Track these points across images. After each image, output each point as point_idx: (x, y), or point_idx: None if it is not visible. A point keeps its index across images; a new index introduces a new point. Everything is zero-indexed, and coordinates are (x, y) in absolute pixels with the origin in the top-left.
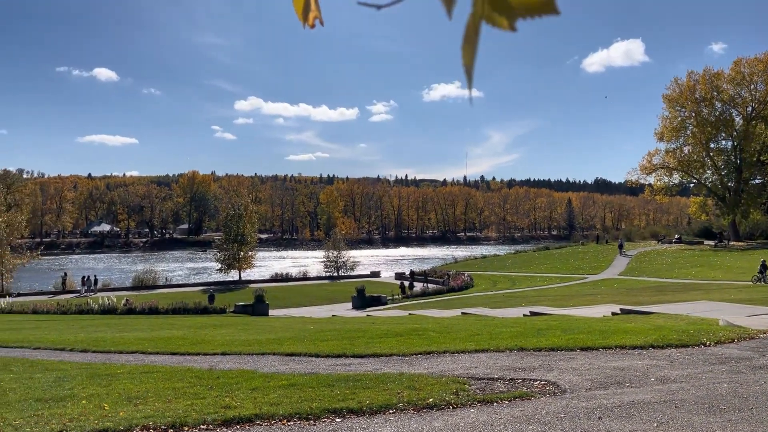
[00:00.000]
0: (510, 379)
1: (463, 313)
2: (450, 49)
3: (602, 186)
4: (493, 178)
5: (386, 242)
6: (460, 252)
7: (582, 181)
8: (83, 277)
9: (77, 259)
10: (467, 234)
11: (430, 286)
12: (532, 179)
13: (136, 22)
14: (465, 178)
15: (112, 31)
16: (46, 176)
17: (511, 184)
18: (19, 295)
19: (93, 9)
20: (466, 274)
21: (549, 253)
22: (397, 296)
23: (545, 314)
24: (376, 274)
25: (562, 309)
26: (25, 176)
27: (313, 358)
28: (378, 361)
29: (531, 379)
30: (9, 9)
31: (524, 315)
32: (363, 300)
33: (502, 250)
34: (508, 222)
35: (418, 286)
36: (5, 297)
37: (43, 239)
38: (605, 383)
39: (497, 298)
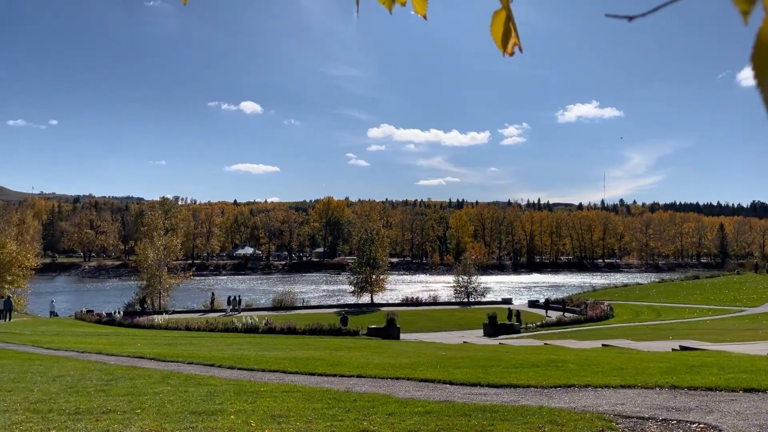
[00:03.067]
0: (663, 419)
1: (603, 345)
2: (587, 68)
3: (760, 209)
4: (634, 202)
5: (518, 268)
6: (597, 280)
7: (736, 205)
8: (229, 297)
9: (223, 279)
10: (605, 261)
11: (567, 315)
12: (677, 203)
13: (278, 58)
14: (603, 201)
15: (258, 67)
16: (197, 203)
17: (654, 208)
18: (174, 312)
19: (240, 48)
20: (605, 304)
21: (699, 282)
22: (531, 325)
23: (698, 349)
24: (507, 301)
25: (717, 344)
26: (180, 203)
27: (448, 386)
28: (514, 392)
29: (687, 421)
30: (167, 51)
31: (673, 349)
32: (495, 327)
33: (645, 278)
34: (651, 248)
35: (553, 315)
36: (162, 314)
37: (195, 261)
38: None
39: (641, 330)
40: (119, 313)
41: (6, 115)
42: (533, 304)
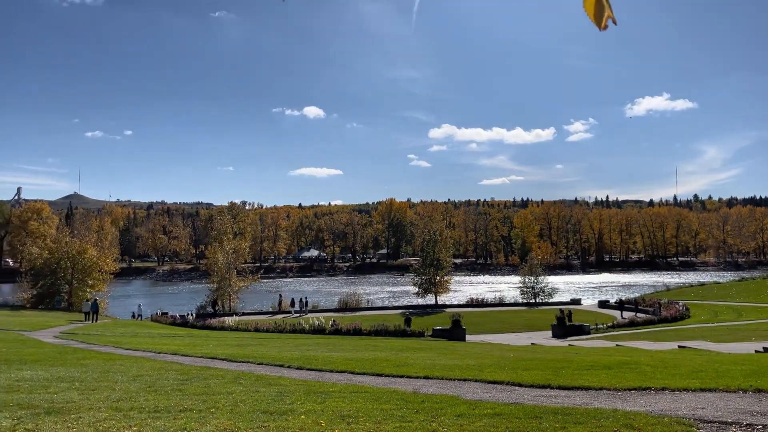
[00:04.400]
0: (747, 424)
1: (680, 347)
2: (656, 59)
3: None
4: (709, 197)
5: (586, 268)
6: (671, 279)
7: None
8: (292, 299)
9: (290, 282)
10: (679, 259)
11: (639, 315)
12: (757, 197)
13: (340, 63)
14: (675, 197)
15: (320, 72)
16: (264, 207)
17: (732, 203)
18: (243, 314)
19: (302, 54)
20: (680, 303)
21: None
22: (602, 325)
23: None
24: (576, 302)
25: None
26: (247, 207)
27: (516, 387)
28: (586, 394)
29: None
30: (232, 61)
31: (756, 351)
32: (564, 328)
33: (723, 276)
34: (728, 245)
35: (626, 316)
36: (232, 315)
37: (262, 264)
38: None
39: (720, 331)
40: (192, 315)
41: (85, 128)
42: (603, 304)
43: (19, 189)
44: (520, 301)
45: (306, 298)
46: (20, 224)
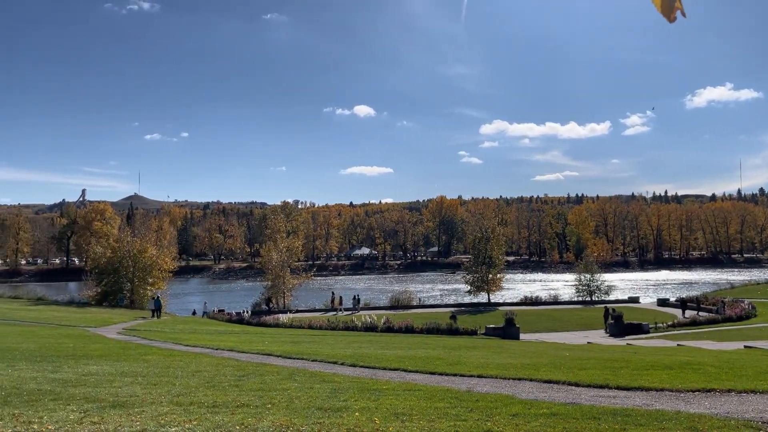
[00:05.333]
0: None
1: (746, 347)
2: (718, 49)
3: None
4: None
5: (644, 265)
6: (735, 276)
7: None
8: (339, 296)
9: (342, 279)
10: (744, 255)
11: (701, 314)
12: None
13: (389, 61)
14: (739, 191)
15: (370, 71)
16: (315, 206)
17: None
18: (297, 311)
19: (351, 53)
20: (746, 302)
21: None
22: (661, 324)
23: None
24: (634, 300)
25: None
26: (299, 206)
27: (573, 387)
28: (647, 395)
29: None
30: (283, 61)
31: None
32: (621, 327)
33: None
34: None
35: (688, 314)
36: (286, 313)
37: (315, 262)
38: None
39: None
40: (248, 312)
41: (144, 131)
42: (663, 302)
43: (83, 191)
44: (576, 299)
45: (358, 295)
46: (85, 224)
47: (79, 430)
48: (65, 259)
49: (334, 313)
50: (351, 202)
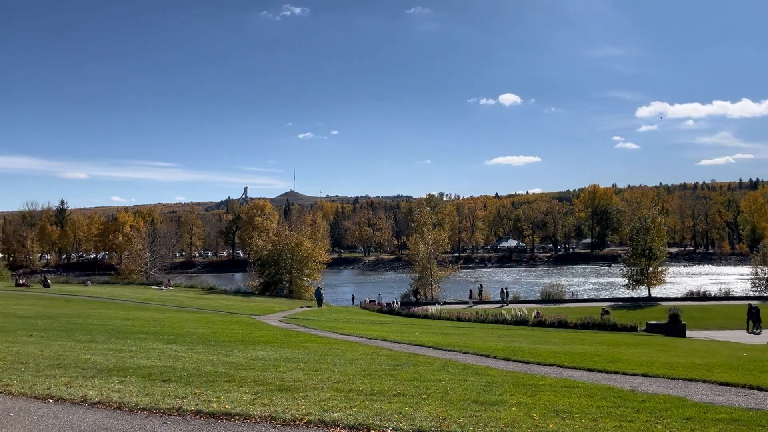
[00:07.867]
0: None
1: None
2: None
3: None
4: None
5: None
6: None
7: None
8: (470, 290)
9: (488, 272)
10: None
11: None
12: None
13: (534, 47)
14: None
15: (514, 58)
16: (460, 198)
17: None
18: (444, 303)
19: (495, 42)
20: None
21: None
22: None
23: None
24: None
25: None
26: (444, 199)
27: (755, 391)
28: None
29: None
30: (427, 55)
31: None
32: None
33: None
34: None
35: None
36: (434, 304)
37: (461, 254)
38: None
39: None
40: (397, 302)
41: (297, 130)
42: None
43: (245, 188)
44: (751, 294)
45: (506, 288)
46: (247, 220)
47: (252, 411)
48: (231, 251)
49: (486, 306)
50: (497, 194)
